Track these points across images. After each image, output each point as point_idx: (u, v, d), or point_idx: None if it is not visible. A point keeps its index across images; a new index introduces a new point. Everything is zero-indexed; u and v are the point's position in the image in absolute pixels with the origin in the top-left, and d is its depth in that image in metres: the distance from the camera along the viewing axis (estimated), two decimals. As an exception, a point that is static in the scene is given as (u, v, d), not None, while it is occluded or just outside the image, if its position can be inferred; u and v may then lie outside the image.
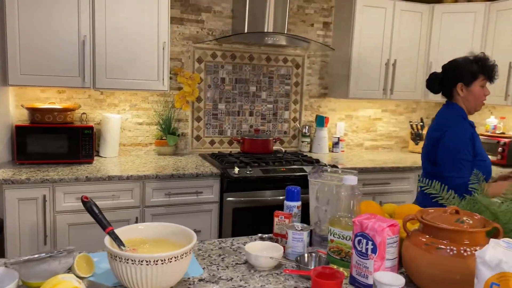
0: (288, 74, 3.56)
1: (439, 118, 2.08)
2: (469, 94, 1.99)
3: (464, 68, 1.99)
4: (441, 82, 2.07)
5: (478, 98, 1.99)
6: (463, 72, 1.99)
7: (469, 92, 1.99)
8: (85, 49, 2.63)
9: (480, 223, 1.16)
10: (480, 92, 1.98)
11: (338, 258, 1.28)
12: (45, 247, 2.40)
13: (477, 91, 1.98)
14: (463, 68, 1.99)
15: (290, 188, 1.53)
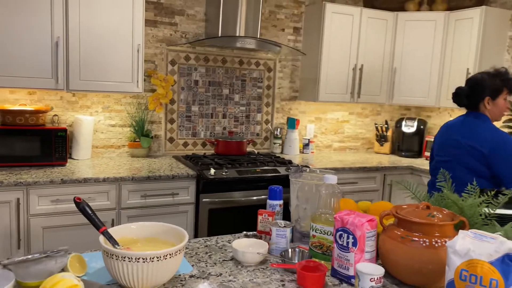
0: (260, 77, 3.65)
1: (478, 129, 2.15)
2: (494, 106, 2.15)
3: (490, 83, 2.14)
4: (468, 96, 2.20)
5: (502, 109, 2.16)
6: (489, 86, 2.14)
7: (494, 105, 2.15)
8: (59, 50, 2.61)
9: (448, 217, 1.27)
10: (503, 104, 2.16)
11: (320, 252, 1.37)
12: (18, 251, 2.36)
13: (502, 103, 2.15)
14: (489, 83, 2.14)
15: (272, 187, 1.61)
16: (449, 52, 3.60)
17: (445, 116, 4.06)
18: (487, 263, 1.01)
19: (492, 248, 1.01)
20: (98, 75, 2.75)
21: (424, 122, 4.02)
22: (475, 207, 1.32)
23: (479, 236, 1.06)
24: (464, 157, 2.13)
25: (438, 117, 4.14)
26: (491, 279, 1.00)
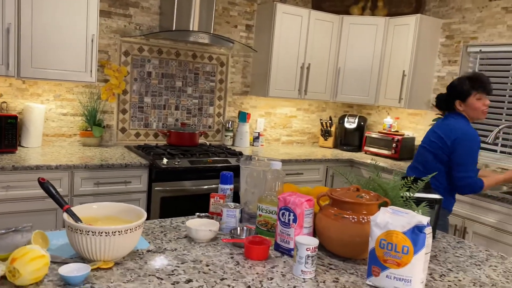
0: (213, 72, 3.77)
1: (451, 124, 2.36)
2: (467, 107, 2.33)
3: (459, 87, 2.35)
4: (445, 101, 2.43)
5: (476, 108, 2.32)
6: (458, 90, 2.35)
7: (466, 106, 2.33)
8: (10, 37, 2.59)
9: (374, 198, 1.49)
10: (477, 103, 2.31)
11: (265, 229, 1.54)
12: (-34, 238, 2.34)
13: (474, 103, 2.31)
14: (458, 87, 2.35)
15: (224, 173, 1.76)
16: (388, 55, 3.91)
17: (383, 114, 4.40)
18: (401, 233, 1.22)
19: (405, 221, 1.23)
20: (51, 63, 2.75)
21: (364, 119, 4.33)
22: (396, 190, 1.55)
23: (396, 211, 1.28)
24: (434, 144, 2.39)
25: (377, 114, 4.47)
26: (403, 246, 1.21)
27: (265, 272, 1.30)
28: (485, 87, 2.32)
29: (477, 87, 2.31)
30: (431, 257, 1.54)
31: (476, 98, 2.31)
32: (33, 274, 1.08)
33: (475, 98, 2.31)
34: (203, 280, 1.21)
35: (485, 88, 2.32)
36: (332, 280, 1.28)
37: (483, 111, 2.33)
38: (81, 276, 1.12)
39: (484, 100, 2.33)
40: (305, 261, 1.28)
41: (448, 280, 1.36)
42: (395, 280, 1.22)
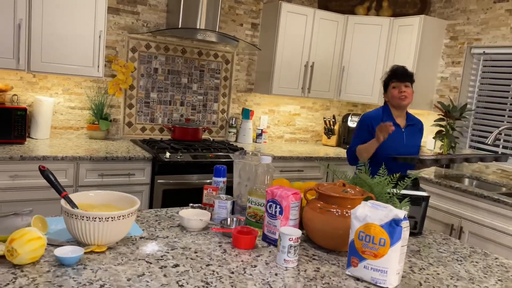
0: (218, 69, 3.84)
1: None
2: (388, 97, 2.52)
3: (382, 82, 2.59)
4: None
5: (394, 97, 2.47)
6: (382, 85, 2.59)
7: (387, 96, 2.53)
8: (21, 32, 2.69)
9: (359, 193, 1.54)
10: (393, 92, 2.47)
11: (254, 220, 1.60)
12: (-25, 223, 2.46)
13: (391, 92, 2.48)
14: (382, 83, 2.59)
15: (217, 166, 1.83)
16: (392, 54, 3.94)
17: (387, 113, 4.42)
18: (379, 226, 1.28)
19: (383, 214, 1.29)
20: (60, 58, 2.85)
21: (368, 118, 4.37)
22: (382, 186, 1.60)
23: (375, 205, 1.33)
24: None
25: (382, 114, 4.50)
26: (380, 238, 1.27)
27: (250, 260, 1.37)
28: (397, 75, 2.47)
29: (391, 77, 2.48)
30: (414, 252, 1.60)
31: (392, 86, 2.47)
32: (30, 254, 1.16)
33: (392, 87, 2.47)
34: (190, 265, 1.28)
35: (397, 75, 2.47)
36: (313, 270, 1.34)
37: (399, 97, 2.45)
38: (75, 258, 1.20)
39: (399, 87, 2.45)
40: (287, 250, 1.34)
41: (426, 273, 1.41)
42: (372, 270, 1.28)
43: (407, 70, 2.49)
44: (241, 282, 1.21)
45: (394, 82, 2.46)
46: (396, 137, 2.46)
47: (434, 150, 3.93)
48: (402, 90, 2.44)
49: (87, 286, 1.10)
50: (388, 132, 2.22)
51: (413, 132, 2.55)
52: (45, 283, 1.09)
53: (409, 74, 2.48)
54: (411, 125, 2.55)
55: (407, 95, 2.45)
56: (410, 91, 2.47)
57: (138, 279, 1.16)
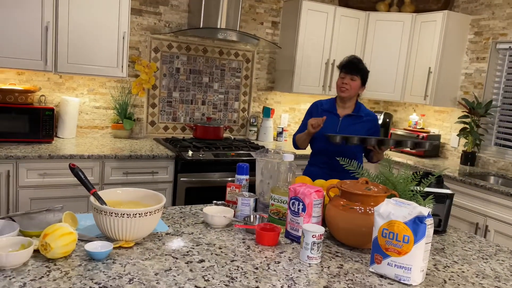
0: (238, 68, 3.87)
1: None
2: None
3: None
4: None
5: (337, 86, 2.47)
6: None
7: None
8: (48, 34, 2.78)
9: (382, 190, 1.54)
10: (337, 81, 2.47)
11: (277, 218, 1.62)
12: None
13: (336, 81, 2.48)
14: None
15: (240, 164, 1.85)
16: (414, 51, 3.89)
17: (409, 110, 4.37)
18: (402, 223, 1.28)
19: (407, 211, 1.28)
20: (85, 59, 2.93)
21: (390, 115, 4.33)
22: (405, 184, 1.59)
23: (399, 202, 1.33)
24: None
25: (404, 111, 4.45)
26: (404, 235, 1.27)
27: (273, 256, 1.39)
28: (345, 66, 2.44)
29: (341, 67, 2.46)
30: (438, 250, 1.59)
31: (340, 76, 2.46)
32: (62, 249, 1.21)
33: (339, 76, 2.46)
34: (215, 261, 1.31)
35: (345, 66, 2.43)
36: (336, 266, 1.35)
37: (340, 88, 2.44)
38: (104, 253, 1.25)
39: (343, 78, 2.43)
40: (311, 247, 1.35)
41: (451, 271, 1.40)
42: (396, 267, 1.28)
43: (358, 63, 2.43)
44: (265, 277, 1.23)
45: (342, 72, 2.44)
46: (329, 125, 2.44)
47: (457, 148, 3.86)
48: (344, 82, 2.41)
49: (116, 280, 1.13)
50: (317, 126, 2.26)
51: (354, 122, 2.47)
52: (77, 276, 1.13)
53: (359, 68, 2.42)
54: (354, 116, 2.48)
55: (347, 88, 2.40)
56: (355, 84, 2.41)
57: (165, 273, 1.20)
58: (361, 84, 2.45)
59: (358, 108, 2.50)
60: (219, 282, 1.18)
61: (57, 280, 1.10)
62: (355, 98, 2.50)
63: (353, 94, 2.44)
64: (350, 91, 2.41)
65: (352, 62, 2.43)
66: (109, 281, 1.12)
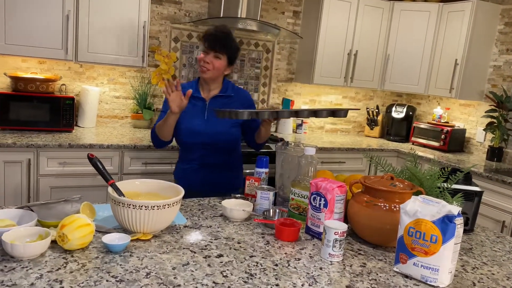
0: (258, 58, 3.81)
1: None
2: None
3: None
4: None
5: (198, 64, 2.00)
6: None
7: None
8: (69, 23, 2.77)
9: (408, 187, 1.48)
10: (198, 58, 1.98)
11: (297, 213, 1.58)
12: (28, 208, 2.58)
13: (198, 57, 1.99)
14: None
15: (260, 157, 1.81)
16: (440, 42, 3.76)
17: (433, 104, 4.25)
18: (430, 222, 1.22)
19: (435, 210, 1.22)
20: (106, 48, 2.92)
21: (413, 108, 4.21)
22: (432, 180, 1.52)
23: (426, 200, 1.27)
24: None
25: (427, 104, 4.33)
26: (432, 235, 1.21)
27: (293, 252, 1.35)
28: (208, 40, 1.94)
29: (203, 40, 1.96)
30: (466, 250, 1.52)
31: (202, 52, 1.97)
32: (79, 240, 1.19)
33: (201, 51, 1.98)
34: (233, 256, 1.28)
35: (208, 40, 1.94)
36: (359, 265, 1.30)
37: (201, 67, 1.97)
38: (122, 245, 1.22)
39: (206, 55, 1.95)
40: (333, 244, 1.30)
41: (480, 273, 1.34)
42: (422, 268, 1.22)
43: (226, 38, 1.94)
44: (285, 275, 1.19)
45: (205, 47, 1.95)
46: (194, 112, 2.02)
47: (483, 143, 3.74)
48: (206, 60, 1.93)
49: (133, 273, 1.11)
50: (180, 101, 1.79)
51: (224, 104, 2.04)
52: (94, 269, 1.11)
53: (226, 44, 1.94)
54: (223, 96, 2.04)
55: (209, 68, 1.94)
56: (219, 64, 1.95)
57: (183, 268, 1.17)
58: (228, 63, 1.99)
59: (226, 87, 2.07)
60: (238, 278, 1.14)
61: (74, 272, 1.09)
62: (222, 77, 2.06)
63: (216, 75, 1.98)
64: (213, 72, 1.96)
65: (217, 36, 1.93)
66: (126, 274, 1.10)
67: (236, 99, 2.08)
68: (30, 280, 1.03)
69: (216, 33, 1.93)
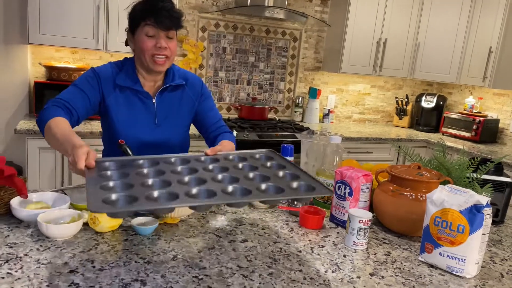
0: (285, 47, 3.80)
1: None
2: (136, 45, 1.52)
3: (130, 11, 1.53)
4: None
5: (145, 52, 1.48)
6: (128, 17, 1.54)
7: (135, 43, 1.52)
8: (100, 13, 2.83)
9: (435, 176, 1.46)
10: (146, 43, 1.47)
11: (322, 201, 1.58)
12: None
13: (143, 42, 1.48)
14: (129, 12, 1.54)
15: (285, 145, 1.81)
16: (474, 29, 3.64)
17: (465, 93, 4.13)
18: (457, 211, 1.20)
19: (463, 200, 1.20)
20: (135, 38, 2.97)
21: (444, 98, 4.11)
22: (461, 170, 1.50)
23: (454, 190, 1.25)
24: None
25: (459, 94, 4.21)
26: (459, 225, 1.19)
27: (317, 240, 1.36)
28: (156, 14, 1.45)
29: (146, 14, 1.47)
30: (495, 241, 1.49)
31: (146, 33, 1.48)
32: (110, 223, 1.24)
33: (144, 34, 1.48)
34: (258, 241, 1.30)
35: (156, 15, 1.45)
36: (383, 253, 1.30)
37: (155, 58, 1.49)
38: (150, 228, 1.26)
39: (158, 39, 1.48)
40: (357, 232, 1.30)
41: (509, 264, 1.31)
42: (448, 258, 1.21)
43: (173, 9, 1.49)
44: (308, 261, 1.20)
45: (150, 26, 1.46)
46: (139, 116, 1.58)
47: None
48: (161, 45, 1.48)
49: (161, 255, 1.15)
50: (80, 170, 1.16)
51: (174, 98, 1.63)
52: (123, 250, 1.15)
53: (177, 16, 1.50)
54: (171, 87, 1.62)
55: (168, 54, 1.50)
56: (174, 46, 1.53)
57: (209, 251, 1.20)
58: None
59: (171, 75, 1.62)
60: (262, 263, 1.16)
61: (104, 253, 1.13)
62: None
63: (172, 61, 1.59)
64: (170, 61, 1.55)
65: (165, 8, 1.46)
66: (153, 256, 1.14)
67: (189, 89, 1.66)
68: (64, 259, 1.08)
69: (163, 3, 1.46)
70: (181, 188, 1.07)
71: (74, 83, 1.54)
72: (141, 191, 1.02)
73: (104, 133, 1.66)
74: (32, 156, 2.60)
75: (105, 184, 1.05)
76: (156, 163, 1.25)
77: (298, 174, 1.23)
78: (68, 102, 1.45)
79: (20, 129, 2.55)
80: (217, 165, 1.28)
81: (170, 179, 1.12)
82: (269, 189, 1.12)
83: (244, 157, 1.39)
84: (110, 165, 1.22)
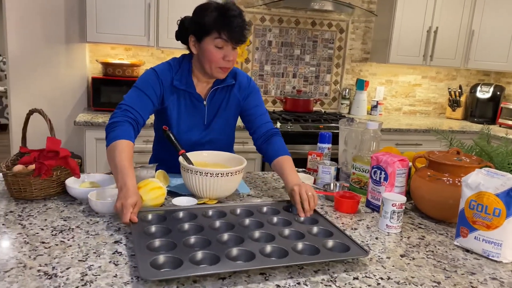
0: (331, 39, 3.78)
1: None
2: (201, 52, 1.53)
3: (198, 15, 1.53)
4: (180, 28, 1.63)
5: (212, 61, 1.51)
6: (194, 20, 1.54)
7: (201, 49, 1.53)
8: (150, 11, 2.99)
9: (476, 162, 1.42)
10: (214, 54, 1.50)
11: (358, 187, 1.59)
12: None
13: (210, 52, 1.50)
14: (197, 16, 1.54)
15: (322, 133, 1.84)
16: (535, 14, 3.42)
17: (526, 82, 3.89)
18: (493, 194, 1.17)
19: (499, 183, 1.17)
20: (183, 34, 3.10)
21: (501, 88, 3.90)
22: (503, 156, 1.45)
23: (491, 173, 1.22)
24: None
25: (519, 83, 3.98)
26: (495, 208, 1.16)
27: (350, 223, 1.37)
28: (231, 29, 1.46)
29: (220, 27, 1.46)
30: (542, 230, 1.42)
31: (216, 45, 1.49)
32: (152, 201, 1.34)
33: (214, 45, 1.49)
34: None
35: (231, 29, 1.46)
36: (417, 237, 1.30)
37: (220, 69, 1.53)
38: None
39: (227, 51, 1.50)
40: (390, 216, 1.31)
41: (554, 253, 1.26)
42: (484, 242, 1.19)
43: (246, 25, 1.50)
44: (339, 241, 1.22)
45: (221, 40, 1.48)
46: (192, 118, 1.65)
47: None
48: (231, 60, 1.52)
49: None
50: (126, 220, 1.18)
51: (224, 100, 1.67)
52: (163, 226, 1.24)
53: (247, 31, 1.52)
54: (223, 88, 1.66)
55: (232, 65, 1.56)
56: (236, 55, 1.56)
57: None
58: None
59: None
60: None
61: (146, 227, 1.23)
62: None
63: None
64: (231, 68, 1.60)
65: (240, 23, 1.47)
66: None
67: (236, 87, 1.68)
68: (110, 231, 1.19)
69: (240, 24, 1.48)
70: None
71: (137, 87, 1.59)
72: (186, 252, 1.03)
73: (158, 123, 1.74)
74: (89, 146, 2.80)
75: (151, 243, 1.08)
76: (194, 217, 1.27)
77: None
78: (135, 109, 1.52)
79: (79, 121, 2.76)
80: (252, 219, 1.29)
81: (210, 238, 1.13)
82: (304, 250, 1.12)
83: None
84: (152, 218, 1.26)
